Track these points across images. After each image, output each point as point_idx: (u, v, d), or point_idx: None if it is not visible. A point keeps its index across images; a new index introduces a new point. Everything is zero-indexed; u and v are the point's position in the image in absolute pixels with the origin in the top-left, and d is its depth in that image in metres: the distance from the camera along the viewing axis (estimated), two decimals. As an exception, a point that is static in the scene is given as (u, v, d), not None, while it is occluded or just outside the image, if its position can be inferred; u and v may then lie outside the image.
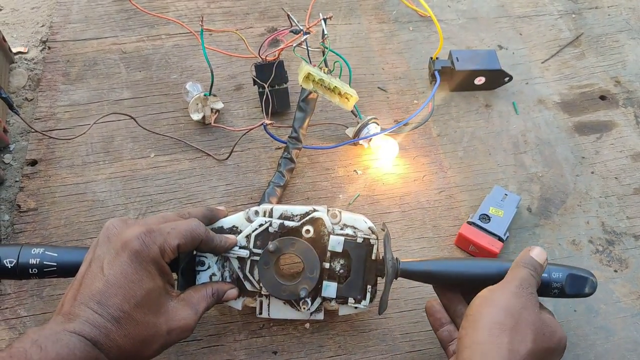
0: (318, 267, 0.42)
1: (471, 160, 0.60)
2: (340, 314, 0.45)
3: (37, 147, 0.58)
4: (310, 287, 0.42)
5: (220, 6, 0.72)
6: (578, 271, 0.42)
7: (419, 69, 0.68)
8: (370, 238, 0.43)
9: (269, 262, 0.42)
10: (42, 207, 0.54)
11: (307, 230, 0.43)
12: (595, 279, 0.42)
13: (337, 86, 0.52)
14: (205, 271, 0.43)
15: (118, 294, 0.34)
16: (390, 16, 0.73)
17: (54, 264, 0.40)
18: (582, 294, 0.42)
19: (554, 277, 0.42)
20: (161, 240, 0.37)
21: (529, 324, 0.37)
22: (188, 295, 0.40)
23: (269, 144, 0.60)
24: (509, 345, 0.35)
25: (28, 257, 0.40)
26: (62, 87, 0.63)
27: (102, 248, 0.37)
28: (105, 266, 0.35)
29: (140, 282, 0.35)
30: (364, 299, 0.43)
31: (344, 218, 0.44)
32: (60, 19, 0.69)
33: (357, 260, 0.43)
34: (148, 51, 0.67)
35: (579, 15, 0.75)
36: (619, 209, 0.57)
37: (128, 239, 0.36)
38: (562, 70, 0.69)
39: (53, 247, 0.41)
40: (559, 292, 0.42)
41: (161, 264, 0.37)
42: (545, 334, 0.37)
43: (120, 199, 0.55)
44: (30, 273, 0.40)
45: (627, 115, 0.65)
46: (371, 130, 0.57)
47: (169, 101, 0.63)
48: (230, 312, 0.48)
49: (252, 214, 0.44)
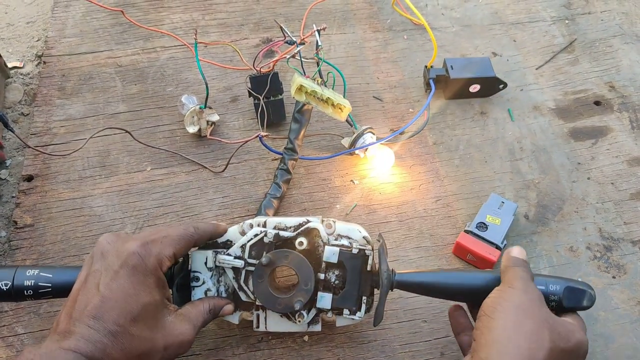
0: (312, 279, 0.42)
1: (467, 168, 0.60)
2: (338, 325, 0.45)
3: (34, 162, 0.58)
4: (305, 299, 0.42)
5: (215, 18, 0.72)
6: (576, 284, 0.42)
7: (414, 78, 0.68)
8: (365, 249, 0.43)
9: (262, 276, 0.42)
10: (39, 223, 0.54)
11: (301, 242, 0.42)
12: (593, 292, 0.42)
13: (330, 97, 0.53)
14: (200, 287, 0.43)
15: (114, 308, 0.34)
16: (384, 25, 0.73)
17: (49, 285, 0.40)
18: (581, 307, 0.41)
19: (551, 289, 0.41)
20: (157, 251, 0.37)
21: (542, 320, 0.36)
22: (186, 310, 0.40)
23: (266, 155, 0.60)
24: (527, 344, 0.34)
25: (23, 279, 0.40)
26: (57, 102, 0.63)
27: (97, 264, 0.37)
28: (102, 282, 0.35)
29: (137, 297, 0.35)
30: (359, 310, 0.43)
31: (338, 228, 0.44)
32: (55, 34, 0.69)
33: (353, 271, 0.43)
34: (143, 64, 0.67)
35: (572, 21, 0.75)
36: (616, 215, 0.57)
37: (124, 254, 0.36)
38: (557, 76, 0.69)
39: (48, 268, 0.41)
40: (556, 305, 0.41)
41: (159, 275, 0.37)
42: (561, 333, 0.37)
43: (116, 213, 0.55)
44: (25, 295, 0.40)
45: (622, 120, 0.65)
46: (367, 140, 0.57)
47: (165, 114, 0.63)
48: (228, 326, 0.48)
49: (247, 227, 0.44)
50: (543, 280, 0.42)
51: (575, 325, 0.39)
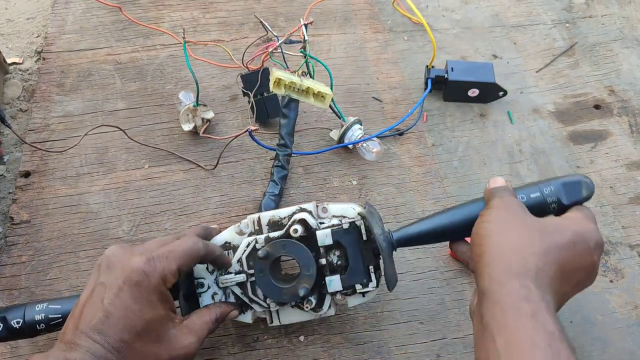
0: (313, 263, 0.42)
1: (466, 170, 0.60)
2: (350, 306, 0.44)
3: (31, 158, 0.58)
4: (309, 284, 0.42)
5: (216, 16, 0.72)
6: (569, 177, 0.40)
7: (414, 79, 0.68)
8: (355, 220, 0.43)
9: (263, 269, 0.42)
10: (35, 219, 0.54)
11: (295, 230, 0.42)
12: (589, 180, 0.40)
13: (310, 86, 0.52)
14: (206, 292, 0.43)
15: (118, 324, 0.35)
16: (385, 26, 0.73)
17: (59, 316, 0.41)
18: (581, 199, 0.39)
19: (546, 192, 0.39)
20: (161, 268, 0.37)
21: (526, 226, 0.35)
22: (191, 322, 0.40)
23: (264, 154, 0.60)
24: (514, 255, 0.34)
25: (33, 314, 0.41)
26: (56, 98, 0.63)
27: (103, 277, 0.37)
28: (106, 297, 0.36)
29: (140, 312, 0.36)
30: (371, 281, 0.43)
31: (333, 210, 0.44)
32: (55, 30, 0.69)
33: (351, 246, 0.43)
34: (143, 62, 0.67)
35: (572, 24, 0.75)
36: (614, 219, 0.57)
37: (128, 270, 0.37)
38: (557, 79, 0.69)
39: (55, 300, 0.42)
40: (557, 207, 0.39)
41: (162, 291, 0.37)
42: (552, 232, 0.35)
43: (113, 210, 0.55)
44: (38, 329, 0.41)
45: (622, 124, 0.65)
46: (355, 132, 0.58)
47: (164, 112, 0.62)
48: (224, 326, 0.48)
49: (244, 226, 0.44)
50: (536, 187, 0.40)
51: (571, 218, 0.38)
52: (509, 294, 0.32)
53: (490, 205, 0.39)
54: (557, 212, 0.40)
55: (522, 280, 0.32)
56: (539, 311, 0.31)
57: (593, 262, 0.36)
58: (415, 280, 0.51)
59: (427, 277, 0.52)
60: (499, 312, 0.32)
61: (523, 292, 0.32)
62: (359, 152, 0.60)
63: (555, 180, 0.40)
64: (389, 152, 0.61)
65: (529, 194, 0.40)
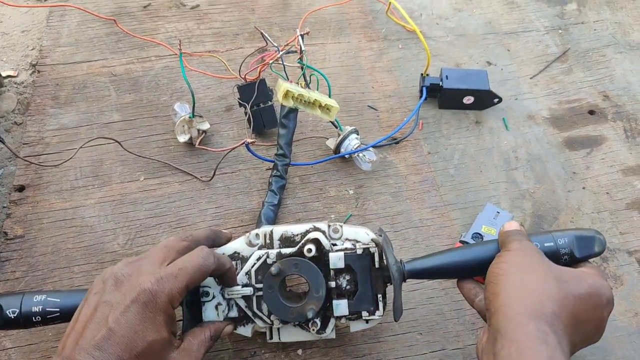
0: (324, 285, 0.41)
1: (463, 177, 0.60)
2: (352, 331, 0.44)
3: (25, 172, 0.57)
4: (317, 307, 0.41)
5: (210, 27, 0.72)
6: (583, 232, 0.41)
7: (409, 87, 0.68)
8: (369, 246, 0.43)
9: (273, 286, 0.42)
10: (29, 233, 0.53)
11: (309, 250, 0.42)
12: (602, 237, 0.41)
13: (317, 99, 0.53)
14: (211, 301, 0.43)
15: (120, 343, 0.34)
16: (379, 34, 0.74)
17: (57, 310, 0.40)
18: (593, 254, 0.40)
19: (560, 243, 0.40)
20: (169, 288, 0.37)
21: (545, 272, 0.36)
22: (188, 344, 0.39)
23: (260, 165, 0.59)
24: (532, 298, 0.34)
25: (31, 305, 0.40)
26: (51, 111, 0.63)
27: (109, 295, 0.36)
28: (111, 315, 0.35)
29: (144, 334, 0.35)
30: (377, 309, 0.43)
31: (345, 232, 0.44)
32: (50, 43, 0.69)
33: (362, 272, 0.42)
34: (138, 73, 0.67)
35: (565, 30, 0.76)
36: (612, 225, 0.57)
37: (137, 289, 0.36)
38: (551, 85, 0.69)
39: (55, 292, 0.41)
40: (569, 259, 0.40)
41: (169, 312, 0.37)
42: (570, 281, 0.36)
43: (109, 224, 0.54)
44: (34, 321, 0.40)
45: (617, 129, 0.65)
46: (352, 142, 0.58)
47: (159, 123, 0.62)
48: (221, 341, 0.47)
49: (254, 238, 0.44)
50: (550, 236, 0.41)
51: (587, 272, 0.38)
52: (527, 334, 0.32)
53: (508, 248, 0.39)
54: (568, 264, 0.41)
55: (538, 323, 0.33)
56: (556, 356, 0.31)
57: (603, 318, 0.37)
58: (413, 291, 0.51)
59: (426, 286, 0.51)
60: (515, 352, 0.32)
61: (541, 335, 0.32)
62: (355, 161, 0.59)
63: (570, 232, 0.41)
64: (385, 161, 0.61)
65: (542, 242, 0.41)
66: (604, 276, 0.39)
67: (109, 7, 0.73)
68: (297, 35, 0.53)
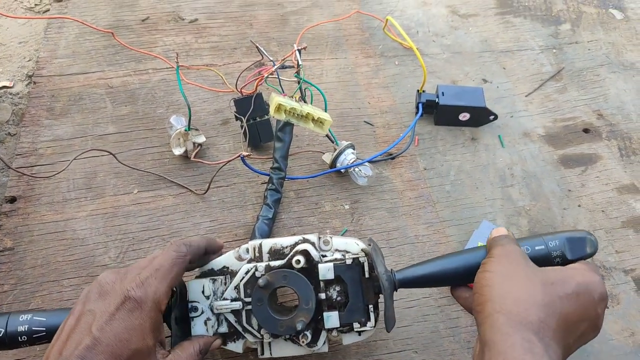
0: (313, 297, 0.41)
1: (459, 194, 0.60)
2: (345, 344, 0.43)
3: (17, 183, 0.57)
4: (307, 319, 0.40)
5: (208, 41, 0.73)
6: (574, 233, 0.41)
7: (405, 103, 0.68)
8: (359, 257, 0.42)
9: (262, 299, 0.41)
10: (19, 246, 0.52)
11: (298, 261, 0.41)
12: (593, 237, 0.41)
13: (310, 112, 0.52)
14: (199, 317, 0.42)
15: (104, 352, 0.33)
16: (376, 51, 0.74)
17: (43, 329, 0.39)
18: (585, 255, 0.40)
19: (551, 246, 0.40)
20: (152, 291, 0.36)
21: (529, 278, 0.35)
22: (176, 355, 0.38)
23: (255, 178, 0.59)
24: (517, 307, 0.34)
25: (16, 325, 0.39)
26: (45, 122, 0.62)
27: (93, 304, 0.36)
28: (95, 324, 0.34)
29: (129, 342, 0.34)
30: (369, 320, 0.42)
31: (335, 243, 0.43)
32: (47, 54, 0.69)
33: (352, 283, 0.42)
34: (134, 86, 0.67)
35: (559, 50, 0.77)
36: (608, 243, 0.56)
37: (121, 297, 0.35)
38: (546, 103, 0.70)
39: (40, 312, 0.40)
40: (561, 260, 0.40)
41: (156, 318, 0.36)
42: (556, 283, 0.35)
43: (100, 237, 0.53)
44: (19, 341, 0.39)
45: (611, 147, 0.66)
46: (348, 157, 0.58)
47: (155, 136, 0.62)
48: (212, 356, 0.46)
49: (243, 252, 0.44)
50: (541, 240, 0.41)
51: (575, 269, 0.37)
52: (512, 346, 0.32)
53: (491, 254, 0.39)
54: (561, 265, 0.40)
55: (524, 333, 0.32)
56: None
57: (597, 315, 0.36)
58: (408, 308, 0.50)
59: (421, 304, 0.51)
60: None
61: (526, 345, 0.32)
62: (351, 176, 0.59)
63: (561, 235, 0.41)
64: (381, 176, 0.60)
65: (534, 246, 0.41)
66: (596, 270, 0.38)
67: (107, 20, 0.73)
68: (294, 50, 0.53)
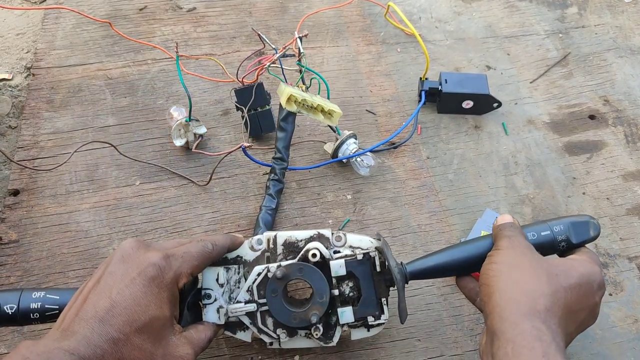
0: (328, 291, 0.41)
1: (462, 182, 0.59)
2: (353, 339, 0.44)
3: (20, 176, 0.57)
4: (321, 312, 0.41)
5: (207, 30, 0.72)
6: (577, 217, 0.43)
7: (408, 91, 0.67)
8: (369, 251, 0.43)
9: (277, 290, 0.41)
10: (24, 238, 0.53)
11: (314, 254, 0.42)
12: (596, 221, 0.43)
13: (320, 104, 0.52)
14: (212, 304, 0.42)
15: (122, 314, 0.34)
16: (377, 38, 0.73)
17: (56, 307, 0.39)
18: (589, 238, 0.42)
19: (556, 231, 0.42)
20: (177, 266, 0.37)
21: (535, 268, 0.37)
22: (190, 334, 0.39)
23: (257, 169, 0.59)
24: (524, 297, 0.35)
25: (29, 302, 0.39)
26: (46, 115, 0.62)
27: (114, 267, 0.36)
28: (115, 287, 0.35)
29: (147, 308, 0.35)
30: (383, 313, 0.42)
31: (349, 240, 0.44)
32: (45, 45, 0.68)
33: (364, 277, 0.42)
34: (134, 77, 0.66)
35: (565, 34, 0.75)
36: (612, 231, 0.56)
37: (144, 263, 0.36)
38: (551, 90, 0.69)
39: (54, 290, 0.40)
40: (566, 245, 0.42)
41: (173, 291, 0.37)
42: (559, 274, 0.37)
43: (104, 228, 0.54)
44: (32, 318, 0.39)
45: (617, 134, 0.65)
46: (350, 146, 0.57)
47: (155, 127, 0.62)
48: (217, 346, 0.47)
49: (256, 243, 0.44)
50: (546, 225, 0.42)
51: (577, 260, 0.39)
52: (522, 334, 0.33)
53: (498, 246, 0.40)
54: (565, 250, 0.42)
55: (532, 321, 0.34)
56: (550, 351, 0.32)
57: (596, 303, 0.39)
58: (411, 297, 0.51)
59: (424, 292, 0.51)
60: (512, 351, 0.33)
61: (535, 332, 0.33)
62: (353, 166, 0.59)
63: (565, 220, 0.43)
64: (383, 166, 0.60)
65: (539, 231, 0.42)
66: (596, 260, 0.40)
67: (104, 9, 0.73)
68: (295, 38, 0.53)
